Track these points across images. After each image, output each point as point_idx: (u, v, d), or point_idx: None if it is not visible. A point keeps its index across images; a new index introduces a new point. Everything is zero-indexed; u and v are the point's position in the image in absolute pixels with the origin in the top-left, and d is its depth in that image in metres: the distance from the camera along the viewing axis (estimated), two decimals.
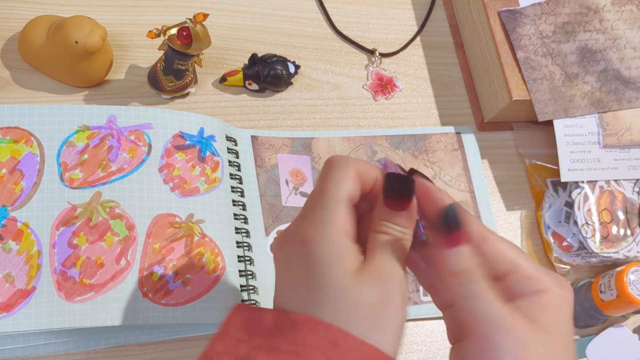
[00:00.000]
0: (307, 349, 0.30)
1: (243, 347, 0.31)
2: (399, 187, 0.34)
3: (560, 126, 0.64)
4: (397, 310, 0.32)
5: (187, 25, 0.54)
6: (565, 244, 0.63)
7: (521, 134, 0.68)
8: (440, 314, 0.37)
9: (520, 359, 0.31)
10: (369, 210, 0.36)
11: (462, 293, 0.33)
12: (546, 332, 0.32)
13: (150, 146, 0.55)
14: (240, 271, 0.54)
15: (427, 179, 0.36)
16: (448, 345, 0.34)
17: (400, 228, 0.34)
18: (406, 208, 0.34)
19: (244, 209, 0.57)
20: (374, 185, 0.36)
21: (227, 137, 0.59)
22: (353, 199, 0.35)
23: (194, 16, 0.53)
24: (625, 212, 0.64)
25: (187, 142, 0.56)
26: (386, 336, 0.32)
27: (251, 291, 0.54)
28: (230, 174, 0.58)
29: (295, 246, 0.34)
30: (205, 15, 0.53)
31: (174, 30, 0.55)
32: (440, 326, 0.59)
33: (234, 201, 0.57)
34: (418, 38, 0.72)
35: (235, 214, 0.56)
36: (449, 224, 0.33)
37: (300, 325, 0.31)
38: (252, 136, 0.61)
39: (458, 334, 0.33)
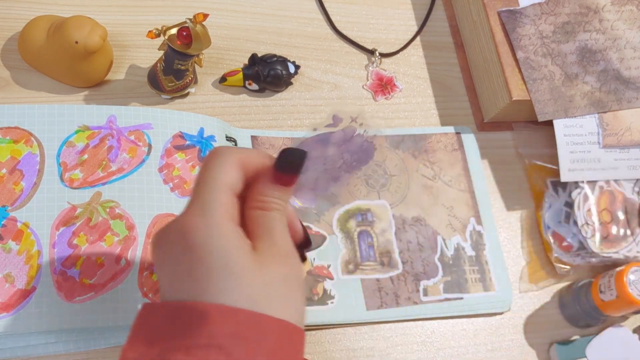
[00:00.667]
0: (226, 339, 0.29)
1: (155, 350, 0.30)
2: (294, 160, 0.34)
3: (560, 126, 0.64)
4: (302, 284, 0.33)
5: (187, 25, 0.54)
6: (565, 244, 0.63)
7: (521, 134, 0.68)
8: (440, 314, 0.36)
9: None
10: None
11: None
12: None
13: (150, 146, 0.55)
14: None
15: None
16: (448, 346, 0.34)
17: (284, 203, 0.35)
18: (295, 182, 0.35)
19: None
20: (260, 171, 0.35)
21: (227, 137, 0.59)
22: (235, 187, 0.34)
23: (194, 16, 0.53)
24: (625, 212, 0.64)
25: (187, 142, 0.56)
26: (298, 310, 0.32)
27: None
28: None
29: (176, 239, 0.32)
30: (205, 15, 0.53)
31: (174, 30, 0.55)
32: (441, 326, 0.59)
33: None
34: (418, 38, 0.72)
35: None
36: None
37: (213, 315, 0.30)
38: (252, 136, 0.61)
39: None
